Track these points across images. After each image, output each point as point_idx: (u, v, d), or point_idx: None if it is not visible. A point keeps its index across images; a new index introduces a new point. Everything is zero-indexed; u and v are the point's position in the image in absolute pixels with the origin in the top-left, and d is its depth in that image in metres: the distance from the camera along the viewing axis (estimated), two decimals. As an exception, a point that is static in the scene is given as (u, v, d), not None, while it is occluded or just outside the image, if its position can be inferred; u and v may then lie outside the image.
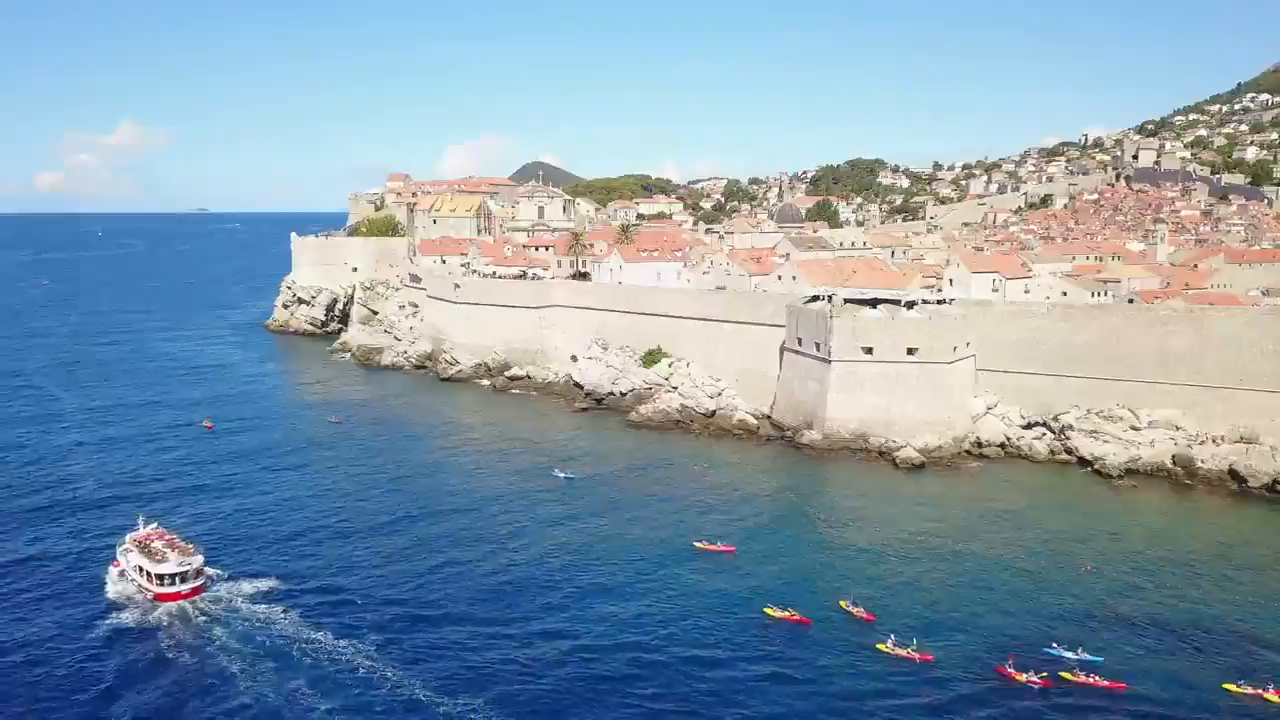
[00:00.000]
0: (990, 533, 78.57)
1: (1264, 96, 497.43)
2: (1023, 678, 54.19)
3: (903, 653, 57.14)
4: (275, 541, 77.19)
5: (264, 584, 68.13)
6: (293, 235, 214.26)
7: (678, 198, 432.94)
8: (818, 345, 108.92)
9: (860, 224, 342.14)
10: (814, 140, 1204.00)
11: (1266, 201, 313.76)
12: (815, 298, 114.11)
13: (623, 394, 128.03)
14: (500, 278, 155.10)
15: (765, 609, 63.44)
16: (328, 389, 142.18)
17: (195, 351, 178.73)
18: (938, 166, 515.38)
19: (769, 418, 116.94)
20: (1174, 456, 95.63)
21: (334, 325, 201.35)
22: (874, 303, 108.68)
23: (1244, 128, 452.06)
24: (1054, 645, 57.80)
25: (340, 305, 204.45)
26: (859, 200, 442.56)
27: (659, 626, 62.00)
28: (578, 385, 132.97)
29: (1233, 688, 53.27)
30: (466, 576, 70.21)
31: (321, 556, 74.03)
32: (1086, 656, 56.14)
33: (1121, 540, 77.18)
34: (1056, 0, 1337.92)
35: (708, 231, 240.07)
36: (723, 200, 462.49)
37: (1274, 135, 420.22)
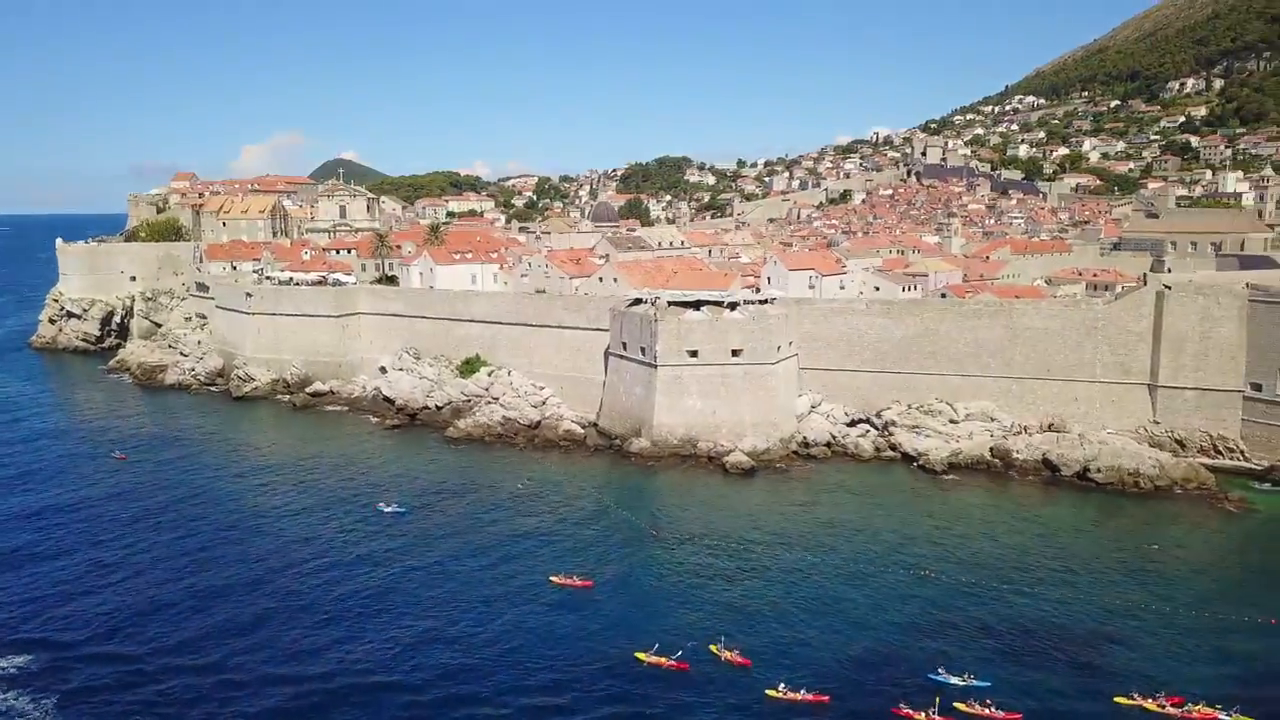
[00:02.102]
0: (832, 542, 76.71)
1: (1029, 99, 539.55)
2: (921, 717, 51.44)
3: (796, 697, 53.20)
4: (42, 611, 65.70)
5: (18, 660, 57.39)
6: (58, 242, 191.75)
7: (488, 195, 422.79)
8: (643, 349, 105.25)
9: (671, 221, 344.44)
10: (622, 138, 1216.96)
11: (1042, 196, 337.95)
12: (638, 300, 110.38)
13: (438, 407, 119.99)
14: (298, 284, 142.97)
15: (636, 654, 57.99)
16: (103, 415, 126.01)
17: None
18: (741, 164, 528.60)
19: (596, 425, 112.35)
20: (992, 449, 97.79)
21: (112, 340, 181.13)
22: (697, 304, 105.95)
23: (1015, 127, 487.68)
24: (940, 671, 55.25)
25: (119, 318, 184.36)
26: (669, 198, 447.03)
27: (521, 677, 56.09)
28: (388, 400, 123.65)
29: (1124, 700, 52.55)
30: (284, 636, 61.53)
31: (100, 626, 63.38)
32: (974, 682, 54.05)
33: (957, 540, 77.08)
34: (842, 3, 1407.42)
35: (522, 230, 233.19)
36: (534, 198, 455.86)
37: (1041, 134, 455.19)
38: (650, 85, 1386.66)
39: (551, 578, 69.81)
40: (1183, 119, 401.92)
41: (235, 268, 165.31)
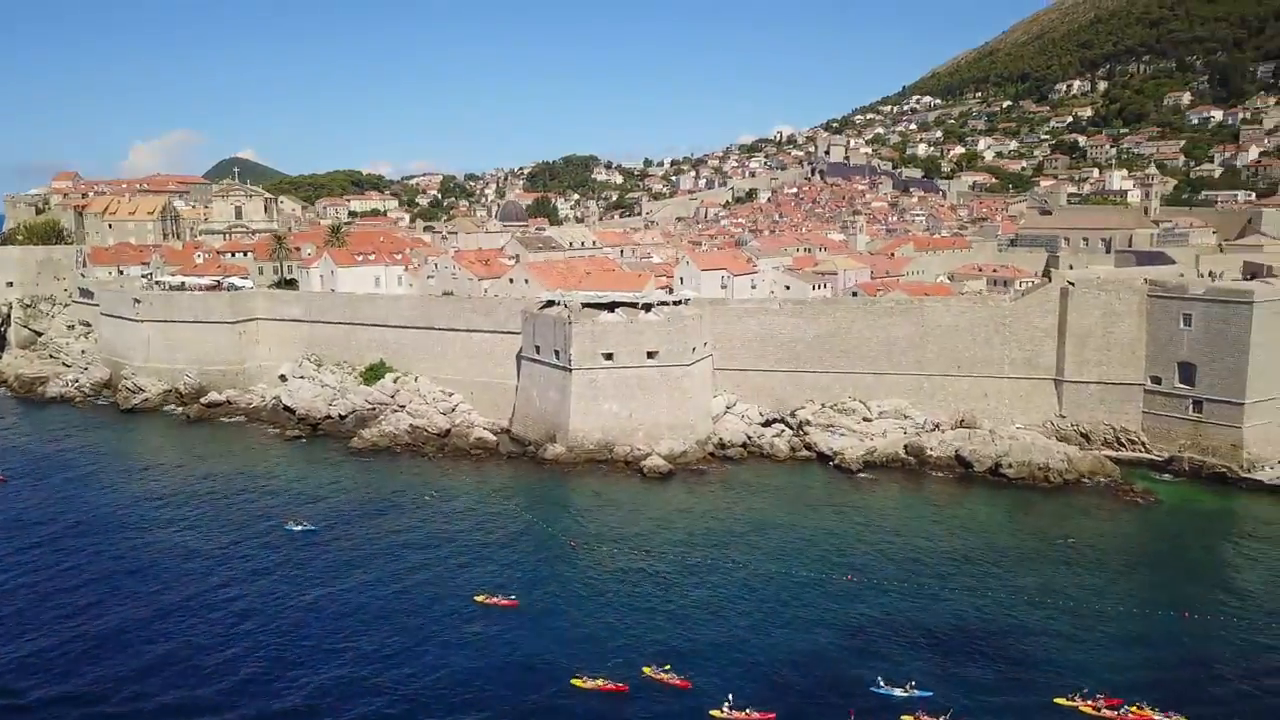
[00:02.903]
0: (757, 547, 75.57)
1: (926, 99, 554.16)
2: None
3: (740, 716, 51.47)
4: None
5: None
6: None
7: (392, 194, 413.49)
8: (557, 353, 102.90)
9: (580, 220, 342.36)
10: (528, 136, 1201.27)
11: (941, 194, 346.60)
12: (551, 302, 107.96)
13: (342, 417, 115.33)
14: (190, 289, 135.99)
15: (573, 680, 55.28)
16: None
17: None
18: (648, 163, 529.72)
19: (509, 432, 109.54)
20: (906, 446, 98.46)
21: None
22: (612, 306, 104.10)
23: (913, 126, 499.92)
24: (880, 683, 54.08)
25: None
26: (576, 196, 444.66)
27: (452, 711, 52.85)
28: (289, 409, 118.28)
29: (1063, 701, 52.40)
30: (190, 679, 56.77)
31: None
32: (917, 692, 53.15)
33: (879, 541, 76.88)
34: (742, 2, 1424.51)
35: (427, 230, 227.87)
36: (440, 197, 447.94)
37: (939, 134, 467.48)
38: (556, 83, 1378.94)
39: (476, 597, 66.75)
40: (1070, 119, 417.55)
41: (122, 272, 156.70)
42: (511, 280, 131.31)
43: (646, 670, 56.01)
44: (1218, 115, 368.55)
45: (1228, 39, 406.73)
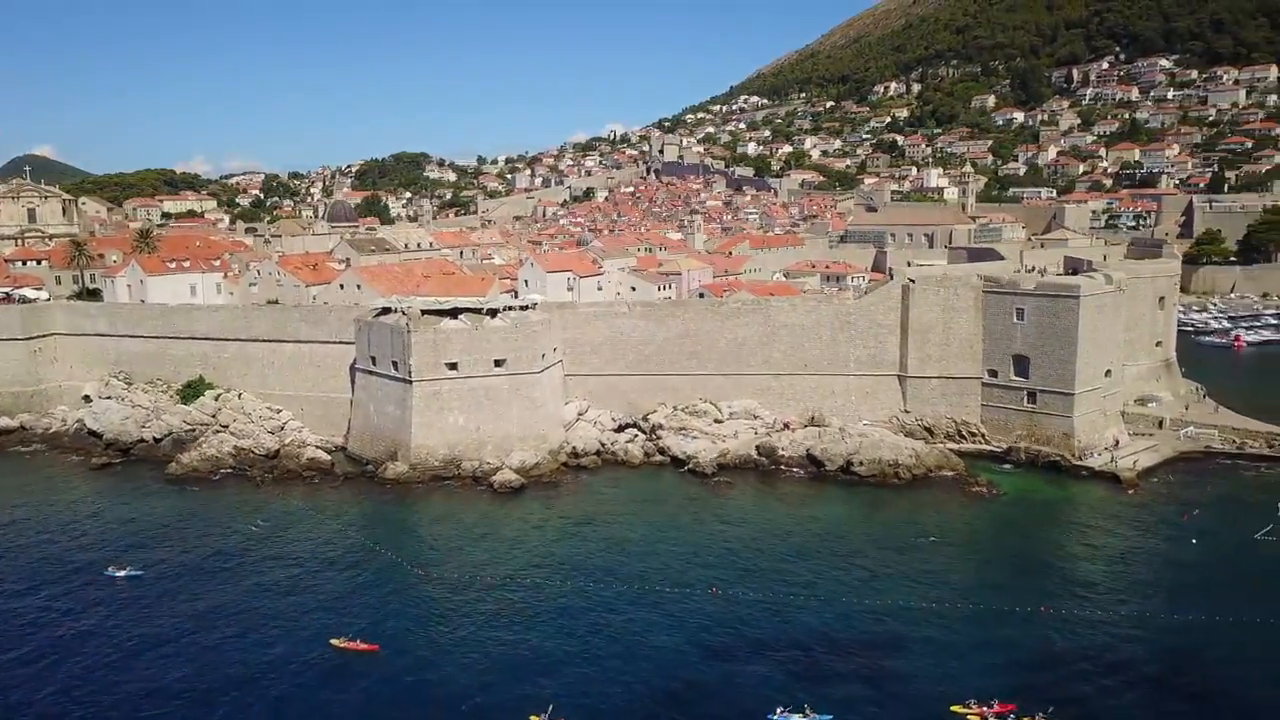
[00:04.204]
0: (614, 563, 72.56)
1: (754, 99, 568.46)
2: None
3: None
4: None
5: None
6: None
7: (210, 194, 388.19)
8: (395, 364, 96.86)
9: (413, 219, 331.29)
10: (356, 133, 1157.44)
11: (773, 192, 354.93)
12: (387, 309, 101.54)
13: (157, 440, 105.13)
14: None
15: None
16: None
17: None
18: (483, 161, 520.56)
19: (345, 450, 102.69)
20: (758, 447, 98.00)
21: None
22: (454, 312, 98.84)
23: (743, 125, 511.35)
24: (778, 711, 51.69)
25: None
26: (408, 195, 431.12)
27: None
28: (94, 434, 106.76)
29: (960, 709, 51.61)
30: None
31: None
32: (815, 716, 51.11)
33: (741, 550, 75.21)
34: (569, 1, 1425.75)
35: (249, 232, 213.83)
36: (262, 196, 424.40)
37: (767, 133, 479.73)
38: (384, 79, 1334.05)
39: (332, 641, 60.54)
40: (889, 119, 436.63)
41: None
42: (342, 286, 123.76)
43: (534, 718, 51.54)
44: (1019, 117, 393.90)
45: (1025, 46, 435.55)
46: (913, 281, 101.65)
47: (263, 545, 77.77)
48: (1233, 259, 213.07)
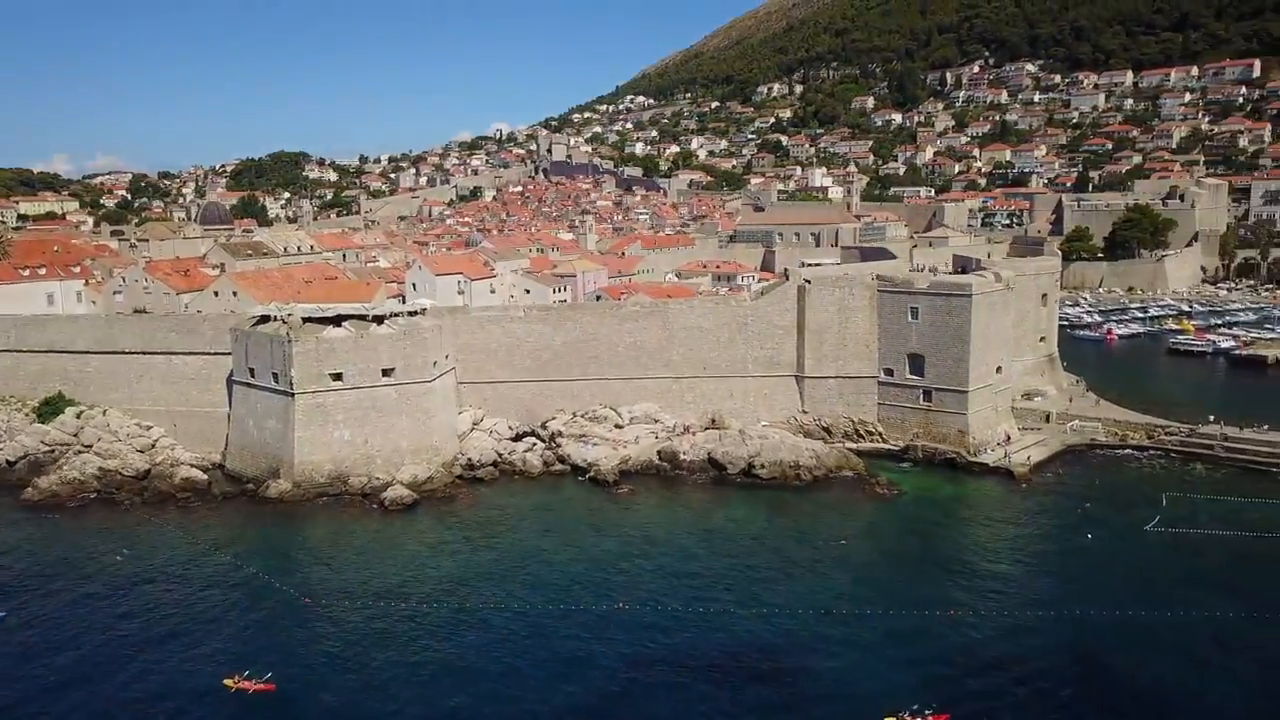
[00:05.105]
0: (516, 583, 69.22)
1: (640, 99, 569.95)
2: None
3: None
4: None
5: None
6: None
7: (72, 194, 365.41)
8: (275, 376, 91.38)
9: (293, 220, 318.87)
10: (231, 132, 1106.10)
11: (663, 192, 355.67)
12: (265, 318, 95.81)
13: (11, 463, 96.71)
14: None
15: None
16: None
17: None
18: (364, 160, 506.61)
19: (222, 467, 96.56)
20: (659, 452, 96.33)
21: None
22: (338, 320, 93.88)
23: (630, 125, 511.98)
24: None
25: None
26: (287, 195, 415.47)
27: None
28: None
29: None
30: None
31: None
32: None
33: (648, 562, 72.89)
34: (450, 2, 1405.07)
35: (115, 236, 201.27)
36: (129, 197, 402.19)
37: (654, 133, 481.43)
38: (261, 76, 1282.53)
39: (225, 681, 55.67)
40: (774, 120, 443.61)
41: None
42: (217, 293, 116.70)
43: None
44: (897, 118, 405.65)
45: (901, 49, 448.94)
46: (808, 282, 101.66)
47: (135, 579, 71.47)
48: (1099, 255, 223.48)
